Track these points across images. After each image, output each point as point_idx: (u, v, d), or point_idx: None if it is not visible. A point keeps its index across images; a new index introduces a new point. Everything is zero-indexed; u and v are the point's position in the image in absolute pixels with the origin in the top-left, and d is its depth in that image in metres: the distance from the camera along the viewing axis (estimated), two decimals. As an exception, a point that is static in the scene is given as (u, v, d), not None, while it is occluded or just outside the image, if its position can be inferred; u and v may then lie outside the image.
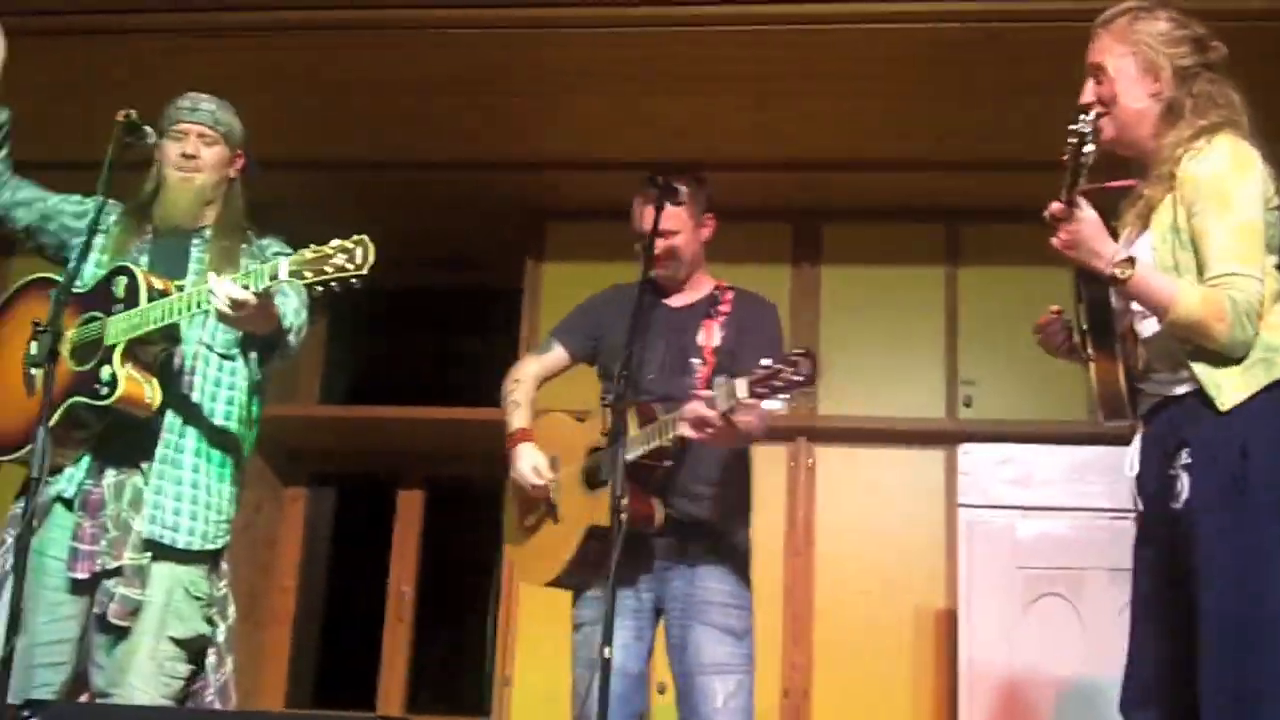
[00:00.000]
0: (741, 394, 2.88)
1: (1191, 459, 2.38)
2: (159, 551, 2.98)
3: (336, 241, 2.72)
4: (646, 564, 3.25)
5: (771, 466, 5.15)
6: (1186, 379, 2.44)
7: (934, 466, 5.16)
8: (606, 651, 2.71)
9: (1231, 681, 2.28)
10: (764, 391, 2.84)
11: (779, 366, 2.83)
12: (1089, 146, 2.39)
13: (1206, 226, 2.43)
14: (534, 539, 3.44)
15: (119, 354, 2.92)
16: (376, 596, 5.92)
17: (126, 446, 3.02)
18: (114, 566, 2.94)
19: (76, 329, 3.01)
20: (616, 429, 2.97)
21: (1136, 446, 2.57)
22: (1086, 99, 2.59)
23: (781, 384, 2.82)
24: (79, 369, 2.96)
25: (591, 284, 3.66)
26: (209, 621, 3.06)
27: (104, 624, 2.95)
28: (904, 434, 5.25)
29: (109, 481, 3.00)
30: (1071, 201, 2.41)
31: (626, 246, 3.43)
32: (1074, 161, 2.40)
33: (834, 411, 5.29)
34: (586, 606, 3.33)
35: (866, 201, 5.37)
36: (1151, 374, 2.53)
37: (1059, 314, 2.73)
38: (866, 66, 4.42)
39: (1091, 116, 2.42)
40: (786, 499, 5.23)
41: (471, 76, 4.59)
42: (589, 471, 3.31)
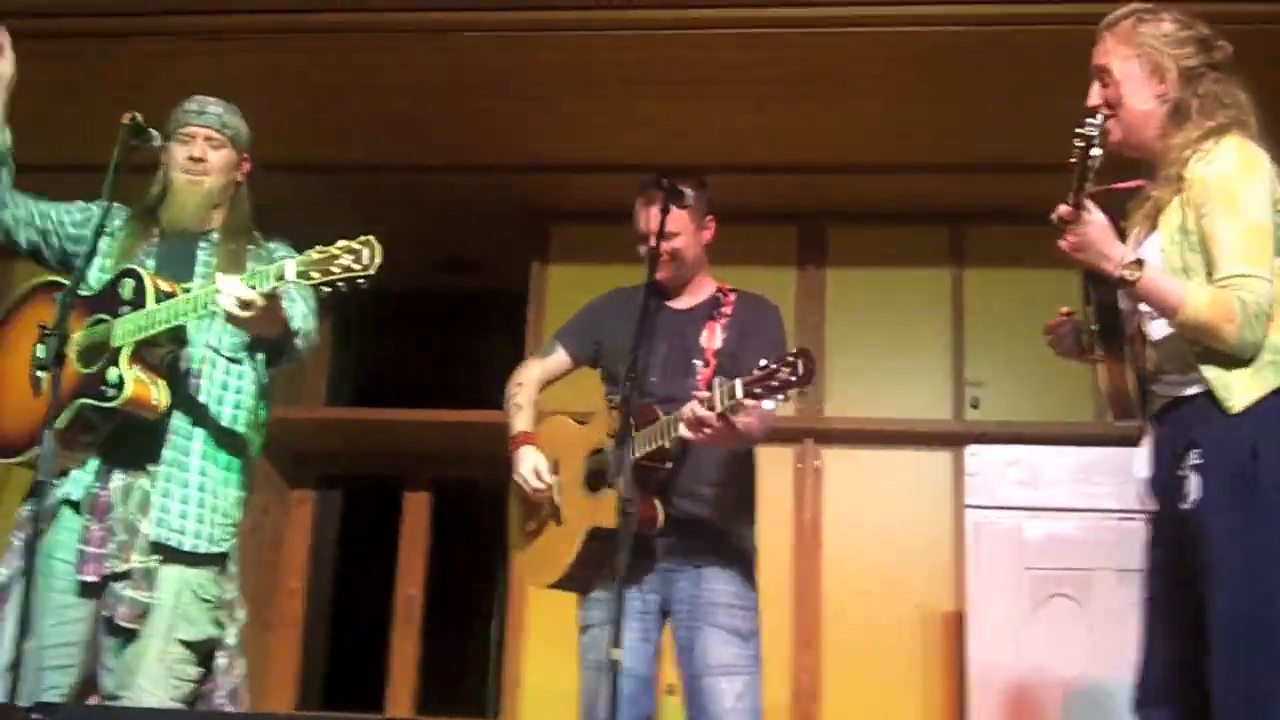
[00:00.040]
0: (738, 395, 2.88)
1: (1201, 460, 2.38)
2: (167, 554, 2.98)
3: (343, 242, 2.72)
4: (649, 565, 3.25)
5: (778, 468, 5.16)
6: (1197, 380, 2.43)
7: (941, 468, 5.16)
8: (615, 653, 2.71)
9: (1242, 682, 2.28)
10: (760, 392, 2.84)
11: (775, 367, 2.83)
12: (1096, 150, 2.38)
13: (1215, 228, 2.43)
14: (536, 542, 3.44)
15: (126, 356, 2.92)
16: (384, 599, 5.92)
17: (134, 449, 3.01)
18: (122, 569, 2.94)
19: (83, 331, 3.01)
20: (624, 431, 2.98)
21: (1147, 447, 2.57)
22: (1093, 102, 2.59)
23: (778, 384, 2.82)
24: (86, 371, 2.96)
25: (596, 286, 3.66)
26: (217, 624, 3.06)
27: (113, 627, 2.94)
28: (911, 435, 5.25)
29: (116, 485, 2.99)
30: (1079, 204, 2.41)
31: (631, 249, 3.43)
32: (1081, 165, 2.39)
33: (840, 413, 5.29)
34: (593, 608, 3.33)
35: (871, 204, 5.37)
36: (1162, 375, 2.53)
37: (1070, 315, 2.73)
38: (870, 69, 4.43)
39: (1098, 120, 2.42)
40: (794, 501, 5.23)
41: (474, 80, 4.60)
42: (590, 474, 3.32)
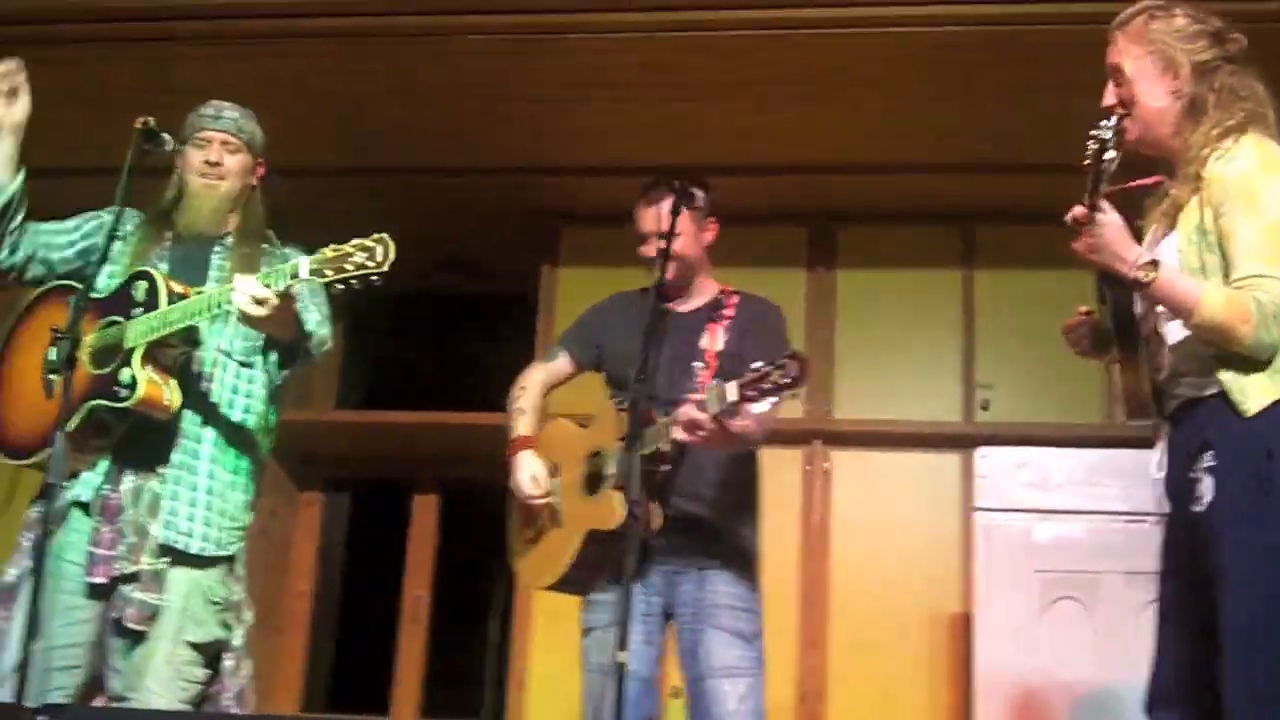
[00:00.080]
0: (732, 397, 2.89)
1: (1215, 461, 2.37)
2: (175, 557, 2.98)
3: (357, 240, 2.73)
4: (648, 565, 3.24)
5: (787, 470, 5.16)
6: (1213, 382, 2.41)
7: (950, 470, 5.15)
8: (621, 656, 2.70)
9: (1254, 684, 2.26)
10: (753, 395, 2.85)
11: (768, 369, 2.84)
12: (1110, 153, 2.37)
13: (1233, 227, 2.41)
14: (535, 544, 3.44)
15: (139, 356, 2.92)
16: (391, 601, 5.92)
17: (144, 451, 3.02)
18: (131, 571, 2.94)
19: (95, 334, 3.01)
20: (632, 433, 2.98)
21: (1162, 448, 2.56)
22: (1107, 102, 2.57)
23: (771, 387, 2.83)
24: (98, 372, 2.96)
25: (605, 289, 3.66)
26: (226, 626, 3.06)
27: (121, 629, 2.94)
28: (920, 437, 5.25)
29: (127, 486, 2.99)
30: (1094, 206, 2.40)
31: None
32: (1095, 167, 2.38)
33: (850, 415, 5.29)
34: (594, 611, 3.33)
35: (881, 205, 5.37)
36: (1179, 377, 2.51)
37: (1088, 314, 2.70)
38: (879, 69, 4.43)
39: (1113, 122, 2.41)
40: (802, 502, 5.22)
41: (482, 82, 4.60)
42: (589, 476, 3.31)
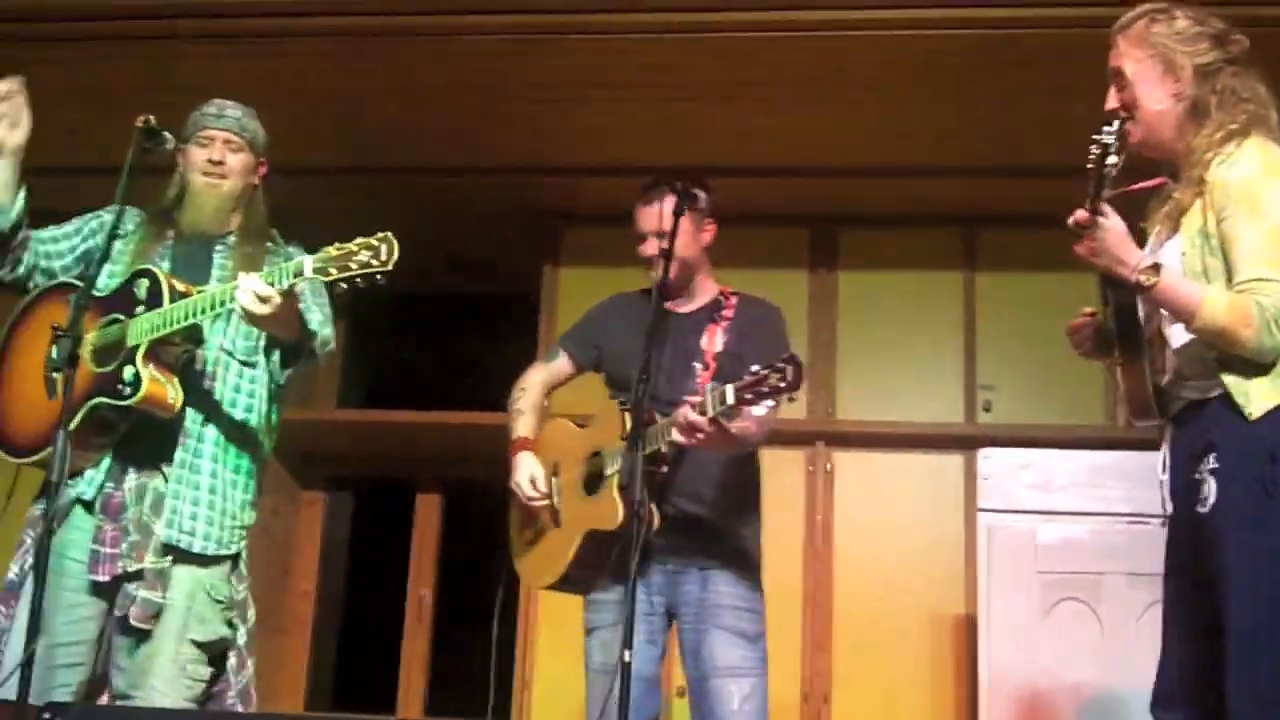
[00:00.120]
0: (729, 399, 2.90)
1: (1218, 463, 2.37)
2: (178, 555, 2.98)
3: (361, 239, 2.73)
4: (647, 565, 3.23)
5: (790, 471, 5.17)
6: (1216, 385, 2.41)
7: (953, 471, 5.16)
8: (627, 655, 2.70)
9: (1260, 688, 2.26)
10: (750, 398, 2.86)
11: (765, 372, 2.85)
12: (1112, 158, 2.37)
13: (1236, 231, 2.41)
14: (535, 544, 3.44)
15: (141, 354, 2.92)
16: (395, 600, 5.93)
17: (147, 449, 3.02)
18: (135, 569, 2.94)
19: (97, 332, 3.01)
20: (635, 434, 2.99)
21: (1167, 449, 2.56)
22: (1110, 106, 2.57)
23: (767, 390, 2.84)
24: (100, 370, 2.96)
25: (606, 289, 3.67)
26: (229, 624, 3.06)
27: (125, 627, 2.94)
28: (922, 438, 5.25)
29: (130, 485, 3.00)
30: (1096, 210, 2.40)
31: (642, 251, 3.44)
32: (1097, 171, 2.38)
33: (852, 416, 5.29)
34: (596, 611, 3.33)
35: (884, 207, 5.37)
36: (1182, 379, 2.51)
37: (1093, 315, 2.70)
38: (881, 72, 4.43)
39: (1114, 127, 2.41)
40: (805, 503, 5.23)
41: (482, 82, 4.61)
42: (588, 476, 3.32)
